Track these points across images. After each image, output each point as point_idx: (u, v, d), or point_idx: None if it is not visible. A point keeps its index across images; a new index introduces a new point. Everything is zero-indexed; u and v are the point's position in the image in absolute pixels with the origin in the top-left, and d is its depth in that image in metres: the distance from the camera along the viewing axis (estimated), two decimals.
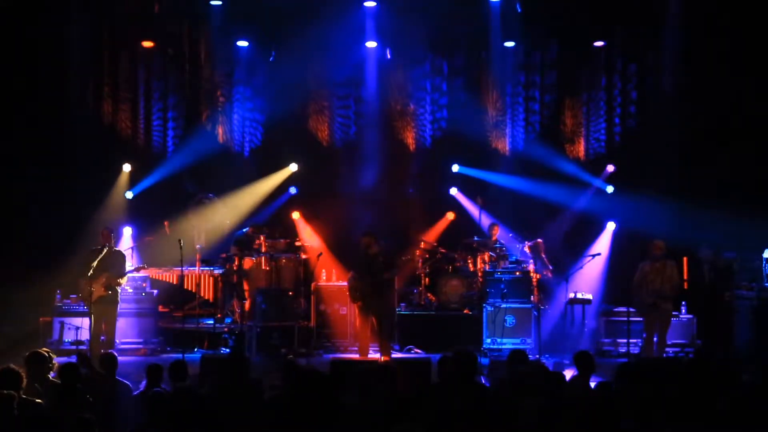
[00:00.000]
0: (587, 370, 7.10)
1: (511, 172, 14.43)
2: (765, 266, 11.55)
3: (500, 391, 6.46)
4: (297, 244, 13.20)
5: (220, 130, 14.65)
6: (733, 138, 12.99)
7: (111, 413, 6.42)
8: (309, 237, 14.10)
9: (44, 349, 7.43)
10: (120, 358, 7.67)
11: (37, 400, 5.98)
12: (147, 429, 5.60)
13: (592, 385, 7.01)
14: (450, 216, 14.56)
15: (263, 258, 12.66)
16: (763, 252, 11.62)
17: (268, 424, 5.77)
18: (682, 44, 13.42)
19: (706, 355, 11.11)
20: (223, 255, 13.12)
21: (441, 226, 14.48)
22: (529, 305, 12.01)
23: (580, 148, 14.65)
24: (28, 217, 12.99)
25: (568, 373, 7.51)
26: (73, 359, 7.90)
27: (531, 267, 12.51)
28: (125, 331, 11.72)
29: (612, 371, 7.60)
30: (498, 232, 13.34)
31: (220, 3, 13.93)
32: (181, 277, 12.42)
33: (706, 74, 13.08)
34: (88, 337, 10.90)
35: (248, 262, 12.70)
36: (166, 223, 13.17)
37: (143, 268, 11.84)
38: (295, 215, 14.46)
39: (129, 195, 14.01)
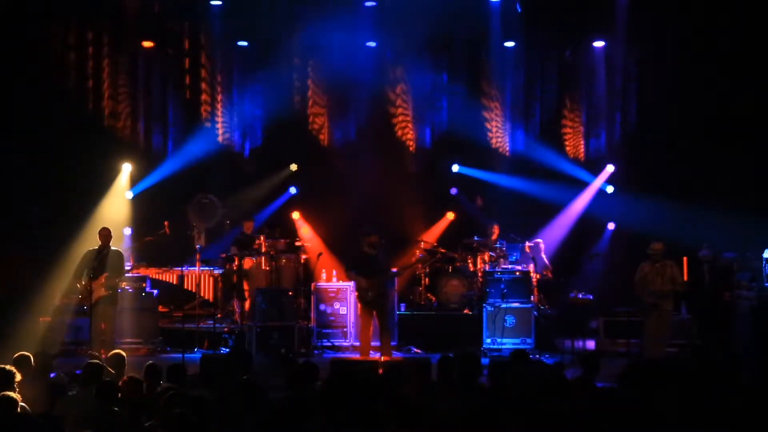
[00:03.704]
0: (592, 370, 7.10)
1: (511, 172, 14.44)
2: (765, 266, 11.54)
3: (501, 392, 6.45)
4: (297, 244, 13.20)
5: (220, 130, 14.66)
6: (734, 138, 12.99)
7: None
8: (309, 237, 14.10)
9: (45, 350, 7.45)
10: None
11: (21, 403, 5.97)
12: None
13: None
14: (450, 216, 14.57)
15: (263, 258, 12.66)
16: (763, 252, 11.62)
17: (268, 424, 5.77)
18: (682, 44, 13.42)
19: (705, 355, 11.15)
20: (223, 255, 13.12)
21: (441, 226, 14.48)
22: (529, 305, 11.99)
23: (580, 148, 14.66)
24: (29, 218, 12.98)
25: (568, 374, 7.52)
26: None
27: (531, 267, 12.51)
28: (125, 331, 11.70)
29: (614, 371, 7.62)
30: (498, 232, 13.34)
31: (220, 3, 13.93)
32: (181, 277, 12.43)
33: (706, 74, 13.08)
34: (87, 338, 10.90)
35: (248, 262, 12.70)
36: (166, 223, 13.16)
37: (142, 266, 11.83)
38: (295, 215, 14.47)
39: (129, 195, 14.02)
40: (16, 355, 7.07)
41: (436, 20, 13.59)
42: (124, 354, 7.51)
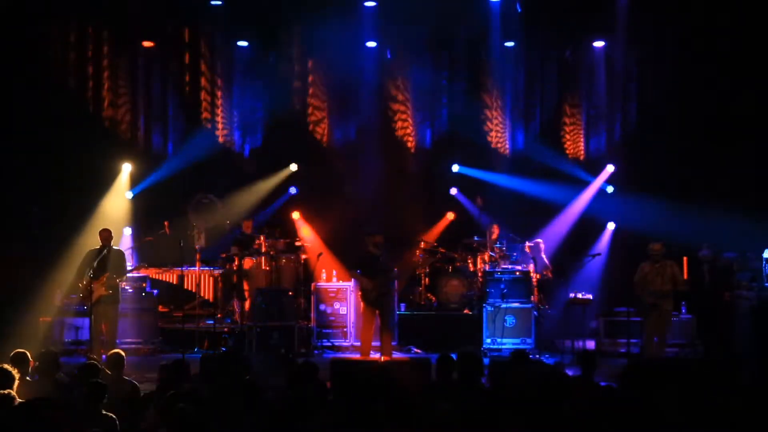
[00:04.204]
0: (590, 368, 7.11)
1: (511, 172, 14.43)
2: (765, 266, 11.55)
3: (501, 392, 6.45)
4: (297, 244, 13.20)
5: (220, 130, 14.66)
6: (733, 138, 12.99)
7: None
8: (309, 237, 14.11)
9: (51, 348, 7.47)
10: None
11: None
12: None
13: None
14: (450, 216, 14.56)
15: (263, 258, 12.66)
16: (763, 252, 11.62)
17: (268, 424, 5.77)
18: (682, 44, 13.42)
19: (706, 355, 11.17)
20: (223, 255, 13.12)
21: (441, 226, 14.48)
22: (529, 305, 12.00)
23: (580, 148, 14.66)
24: (29, 218, 12.98)
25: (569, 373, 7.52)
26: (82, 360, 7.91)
27: (531, 267, 12.51)
28: (125, 331, 11.72)
29: (613, 371, 7.63)
30: (497, 232, 13.33)
31: (220, 3, 13.93)
32: (181, 277, 12.43)
33: (706, 74, 13.08)
34: (88, 338, 10.90)
35: (248, 262, 12.70)
36: (166, 223, 13.17)
37: (143, 267, 11.84)
38: (295, 215, 14.47)
39: (129, 195, 14.01)
40: (14, 352, 7.05)
41: (436, 20, 13.59)
42: (123, 354, 7.50)
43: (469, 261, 13.21)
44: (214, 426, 5.68)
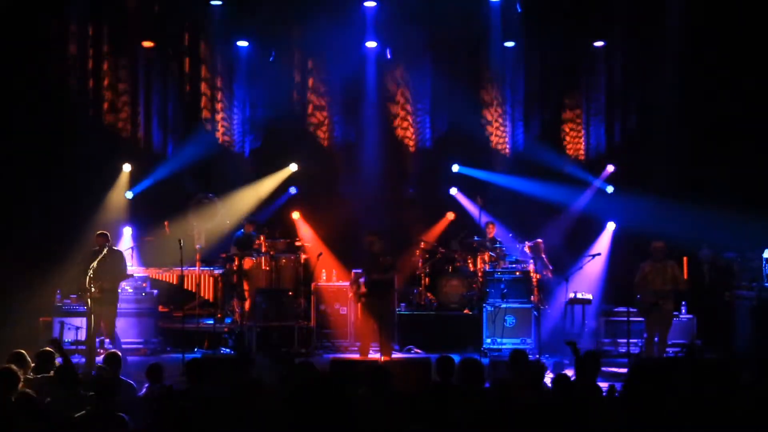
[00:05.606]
0: (594, 370, 7.11)
1: (511, 172, 14.43)
2: (765, 266, 11.56)
3: (501, 392, 6.45)
4: (297, 244, 13.21)
5: (219, 131, 14.67)
6: (734, 138, 12.99)
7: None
8: (309, 237, 14.11)
9: (47, 348, 7.49)
10: None
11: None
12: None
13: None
14: (450, 216, 14.56)
15: (263, 258, 12.66)
16: (763, 252, 11.63)
17: (268, 424, 5.77)
18: (682, 44, 13.42)
19: (697, 353, 11.16)
20: (223, 255, 13.12)
21: (441, 226, 14.48)
22: (529, 305, 12.01)
23: (580, 148, 14.66)
24: (28, 218, 12.97)
25: (569, 373, 7.51)
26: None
27: (531, 267, 12.50)
28: (125, 331, 11.71)
29: (614, 371, 7.64)
30: (494, 230, 13.33)
31: (220, 3, 13.93)
32: (181, 277, 12.42)
33: (707, 74, 13.09)
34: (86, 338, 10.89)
35: (248, 262, 12.71)
36: (166, 223, 13.17)
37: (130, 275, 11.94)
38: (295, 215, 14.47)
39: (129, 195, 14.00)
40: (12, 352, 7.05)
41: (436, 20, 13.59)
42: (119, 354, 7.50)
43: (469, 261, 13.21)
44: (215, 426, 5.69)
